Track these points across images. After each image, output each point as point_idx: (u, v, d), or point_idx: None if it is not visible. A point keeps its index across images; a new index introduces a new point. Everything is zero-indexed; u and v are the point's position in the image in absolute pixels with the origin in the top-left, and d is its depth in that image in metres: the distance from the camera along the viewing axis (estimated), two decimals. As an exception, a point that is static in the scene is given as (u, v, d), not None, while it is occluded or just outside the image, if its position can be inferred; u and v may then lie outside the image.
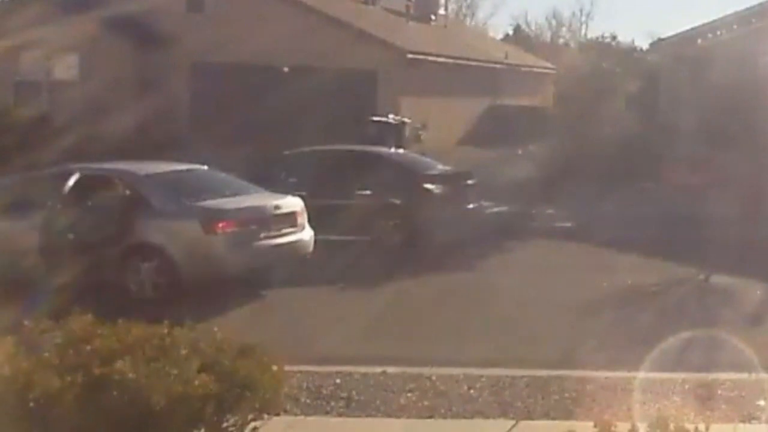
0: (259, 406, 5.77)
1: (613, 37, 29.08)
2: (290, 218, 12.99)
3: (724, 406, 7.55)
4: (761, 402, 7.57)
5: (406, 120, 24.79)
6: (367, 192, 16.06)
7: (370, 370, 8.50)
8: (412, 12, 34.17)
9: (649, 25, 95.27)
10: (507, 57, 35.77)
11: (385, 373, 8.44)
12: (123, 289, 11.91)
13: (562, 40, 60.50)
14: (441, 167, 17.48)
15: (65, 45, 26.37)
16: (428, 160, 18.06)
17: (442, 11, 38.38)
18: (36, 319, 6.02)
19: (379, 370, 8.51)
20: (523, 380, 8.28)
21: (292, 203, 13.22)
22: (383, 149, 18.57)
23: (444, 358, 9.09)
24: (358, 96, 26.50)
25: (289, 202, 13.20)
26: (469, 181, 17.16)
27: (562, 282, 13.05)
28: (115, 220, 12.15)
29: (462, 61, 31.65)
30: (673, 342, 8.84)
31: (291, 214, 13.03)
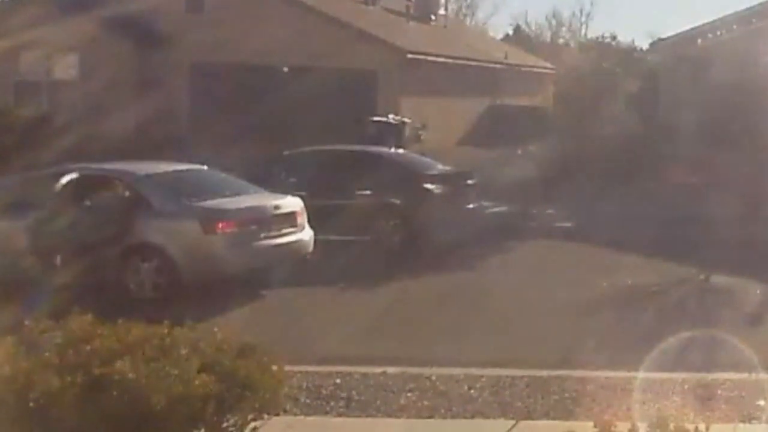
0: (259, 406, 5.77)
1: (613, 37, 29.04)
2: (290, 218, 13.00)
3: (724, 406, 7.54)
4: (761, 402, 7.57)
5: (406, 120, 24.79)
6: (367, 192, 16.05)
7: (370, 370, 8.49)
8: (412, 12, 34.17)
9: (649, 25, 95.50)
10: (507, 57, 35.76)
11: (385, 373, 8.43)
12: (123, 289, 11.92)
13: (562, 40, 60.45)
14: (441, 167, 17.47)
15: (65, 45, 26.40)
16: (428, 160, 18.04)
17: (442, 11, 38.34)
18: (36, 319, 6.02)
19: (379, 370, 8.51)
20: (523, 380, 8.27)
21: (292, 203, 13.23)
22: (383, 149, 18.56)
23: (444, 358, 9.09)
24: (358, 96, 26.49)
25: (289, 202, 13.20)
26: (469, 181, 17.16)
27: (562, 282, 13.04)
28: (114, 220, 12.16)
29: (462, 61, 31.64)
30: (673, 342, 8.84)
31: (291, 214, 13.04)
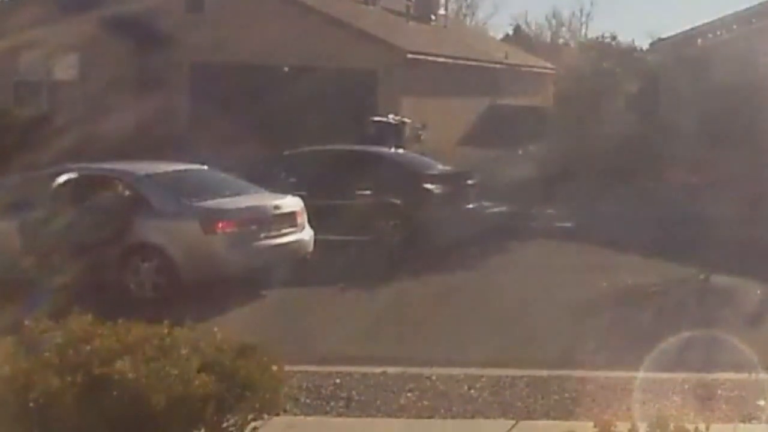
0: (259, 406, 5.76)
1: (613, 37, 28.96)
2: (290, 218, 13.00)
3: (724, 406, 7.54)
4: (761, 402, 7.56)
5: (406, 120, 24.79)
6: (367, 192, 16.04)
7: (370, 370, 8.49)
8: (412, 12, 34.16)
9: (649, 25, 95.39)
10: (507, 57, 35.78)
11: (385, 373, 8.43)
12: (123, 289, 11.92)
13: (562, 40, 60.44)
14: (441, 167, 17.47)
15: (65, 45, 26.39)
16: (428, 160, 18.04)
17: (442, 11, 38.33)
18: (36, 319, 6.01)
19: (379, 370, 8.51)
20: (523, 380, 8.27)
21: (292, 203, 13.23)
22: (383, 149, 18.56)
23: (444, 358, 9.09)
24: (358, 96, 26.50)
25: (289, 202, 13.20)
26: (469, 181, 17.16)
27: (562, 282, 13.04)
28: (114, 220, 12.16)
29: (462, 61, 31.64)
30: (673, 342, 8.82)
31: (291, 214, 13.04)
